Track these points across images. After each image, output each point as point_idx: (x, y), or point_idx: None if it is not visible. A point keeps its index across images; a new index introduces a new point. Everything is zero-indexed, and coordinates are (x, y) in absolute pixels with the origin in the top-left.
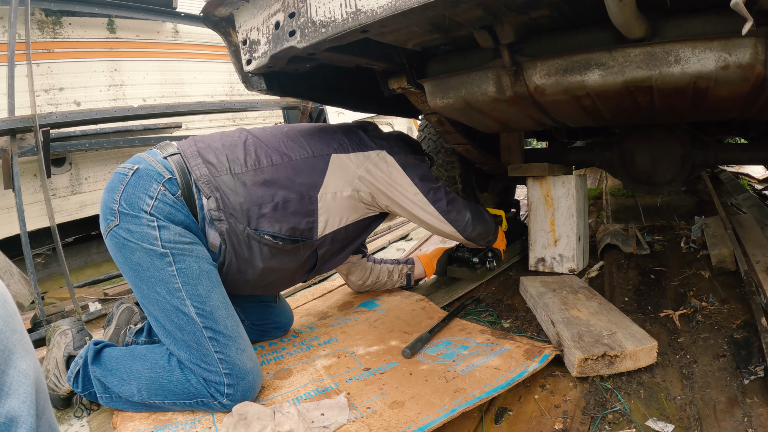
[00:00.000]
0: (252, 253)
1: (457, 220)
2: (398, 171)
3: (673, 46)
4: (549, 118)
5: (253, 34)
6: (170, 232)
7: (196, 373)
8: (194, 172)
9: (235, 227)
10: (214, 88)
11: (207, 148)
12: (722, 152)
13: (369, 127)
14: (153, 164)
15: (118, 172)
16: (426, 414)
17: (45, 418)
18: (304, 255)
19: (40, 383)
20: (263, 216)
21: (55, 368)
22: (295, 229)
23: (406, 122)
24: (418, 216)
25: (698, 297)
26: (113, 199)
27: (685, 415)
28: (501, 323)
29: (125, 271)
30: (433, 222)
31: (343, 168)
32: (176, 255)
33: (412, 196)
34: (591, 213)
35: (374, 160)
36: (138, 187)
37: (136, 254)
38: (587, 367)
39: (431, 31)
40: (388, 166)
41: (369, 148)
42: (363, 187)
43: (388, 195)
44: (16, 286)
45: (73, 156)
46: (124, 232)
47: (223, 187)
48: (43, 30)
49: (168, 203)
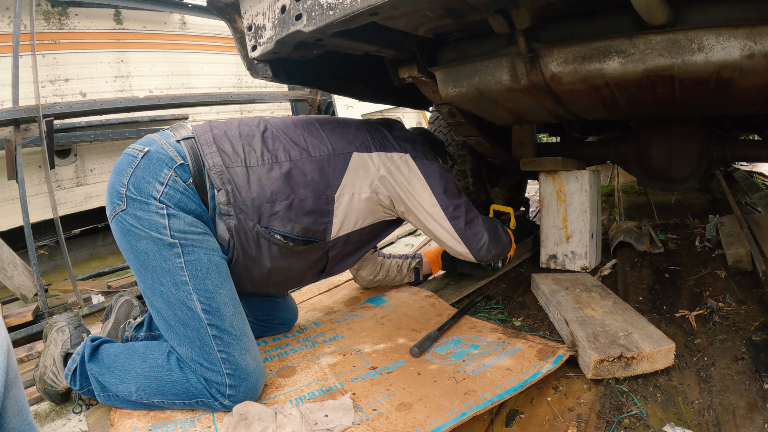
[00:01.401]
0: (260, 252)
1: (472, 242)
2: (419, 178)
3: (697, 33)
4: (564, 109)
5: (258, 20)
6: (180, 221)
7: (197, 372)
8: (207, 160)
9: (244, 223)
10: (221, 80)
11: (222, 136)
12: (739, 149)
13: (395, 126)
14: (165, 147)
15: (128, 153)
16: (435, 417)
17: (13, 392)
18: (315, 256)
19: (11, 357)
20: (275, 214)
21: (53, 365)
22: (308, 229)
23: (416, 115)
24: (432, 230)
25: (714, 297)
26: (121, 182)
27: (704, 420)
28: (512, 321)
29: (129, 259)
30: (446, 239)
31: (365, 168)
32: (185, 246)
33: (430, 207)
34: (603, 210)
35: (397, 162)
36: (148, 171)
37: (143, 242)
38: (603, 368)
39: (443, 15)
40: (409, 171)
41: (393, 149)
42: (383, 189)
43: (405, 201)
44: (20, 277)
45: (79, 147)
46: (130, 218)
47: (236, 179)
48: (49, 21)
49: (179, 190)
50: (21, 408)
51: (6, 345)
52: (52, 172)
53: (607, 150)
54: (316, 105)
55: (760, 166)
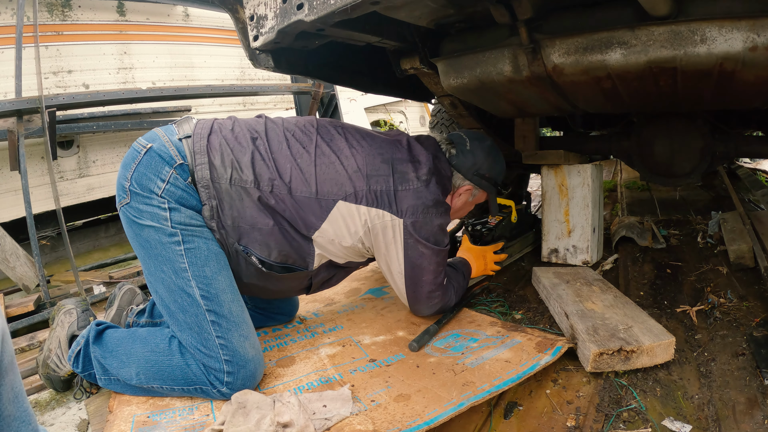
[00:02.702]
0: (239, 267)
1: (421, 307)
2: (399, 247)
3: (699, 25)
4: (566, 101)
5: (260, 9)
6: (181, 215)
7: (197, 357)
8: (197, 172)
9: (226, 239)
10: (224, 72)
11: (216, 146)
12: (743, 145)
13: (421, 167)
14: (166, 145)
15: (134, 148)
16: (433, 408)
17: (8, 379)
18: (295, 283)
19: (6, 343)
20: (253, 238)
21: (58, 347)
22: (287, 257)
23: (418, 109)
24: (389, 281)
25: (716, 293)
26: (125, 177)
27: (703, 415)
28: (512, 314)
29: (135, 247)
30: (398, 293)
31: (350, 217)
32: (186, 235)
33: (397, 274)
34: (606, 205)
35: (386, 222)
36: (149, 168)
37: (145, 231)
38: (602, 362)
39: (445, 5)
40: (393, 236)
41: (388, 209)
42: (365, 239)
43: (380, 253)
44: (22, 268)
45: (81, 139)
46: (134, 210)
47: (221, 195)
48: (53, 12)
49: (180, 187)
50: (17, 394)
51: (1, 331)
52: (55, 163)
53: (610, 144)
54: (319, 98)
55: (763, 163)
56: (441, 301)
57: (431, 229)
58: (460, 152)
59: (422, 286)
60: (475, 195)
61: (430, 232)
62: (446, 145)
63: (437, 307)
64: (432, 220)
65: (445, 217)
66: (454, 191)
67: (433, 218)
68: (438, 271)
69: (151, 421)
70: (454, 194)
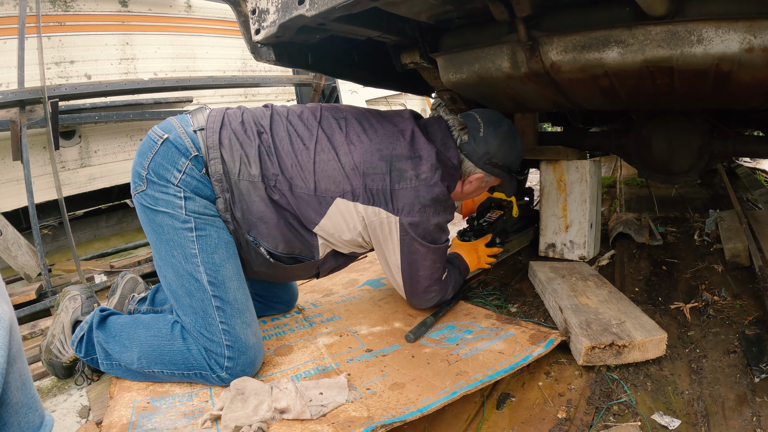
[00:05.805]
0: (250, 256)
1: (418, 299)
2: (395, 244)
3: (696, 25)
4: (565, 98)
5: (262, 3)
6: (196, 204)
7: (199, 342)
8: (210, 167)
9: (237, 230)
10: (226, 63)
11: (227, 142)
12: (741, 144)
13: (422, 163)
14: (182, 137)
15: (150, 137)
16: (426, 396)
17: (16, 366)
18: (303, 271)
19: (14, 332)
20: (261, 231)
21: (61, 333)
22: (294, 249)
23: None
24: (387, 275)
25: (710, 291)
26: (142, 165)
27: (693, 410)
28: (508, 307)
29: (147, 231)
30: (395, 286)
31: (348, 213)
32: (199, 223)
33: (394, 268)
34: (604, 201)
35: (382, 219)
36: (166, 159)
37: (159, 217)
38: (594, 355)
39: (445, 1)
40: (390, 233)
41: (385, 206)
42: (364, 233)
43: (379, 246)
44: (24, 257)
45: (83, 129)
46: (150, 198)
47: (233, 188)
48: (55, 3)
49: (195, 178)
50: (24, 382)
51: (9, 320)
52: (57, 153)
53: (609, 141)
54: (320, 90)
55: (763, 163)
56: (438, 296)
57: (428, 228)
58: (472, 139)
59: (419, 281)
60: (488, 181)
61: (427, 230)
62: (458, 131)
63: (434, 301)
64: (429, 219)
65: (444, 215)
66: (464, 178)
67: (430, 217)
68: (435, 267)
69: (151, 407)
70: (465, 181)
